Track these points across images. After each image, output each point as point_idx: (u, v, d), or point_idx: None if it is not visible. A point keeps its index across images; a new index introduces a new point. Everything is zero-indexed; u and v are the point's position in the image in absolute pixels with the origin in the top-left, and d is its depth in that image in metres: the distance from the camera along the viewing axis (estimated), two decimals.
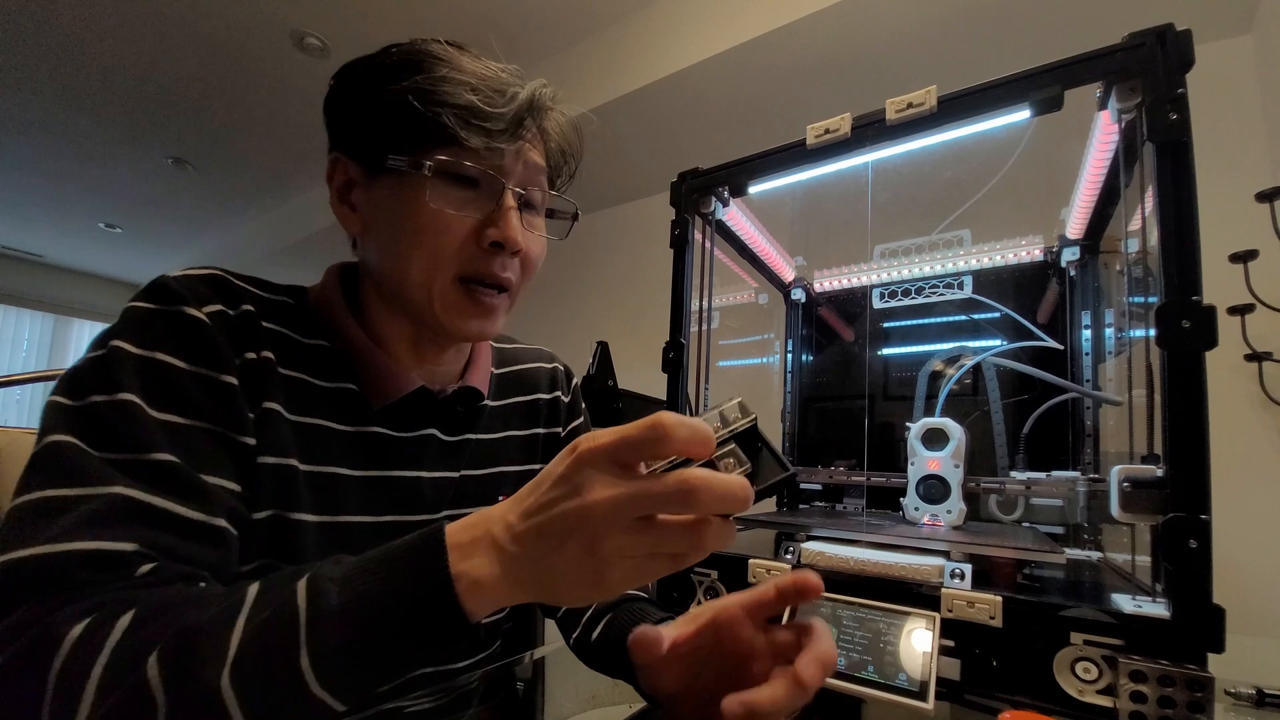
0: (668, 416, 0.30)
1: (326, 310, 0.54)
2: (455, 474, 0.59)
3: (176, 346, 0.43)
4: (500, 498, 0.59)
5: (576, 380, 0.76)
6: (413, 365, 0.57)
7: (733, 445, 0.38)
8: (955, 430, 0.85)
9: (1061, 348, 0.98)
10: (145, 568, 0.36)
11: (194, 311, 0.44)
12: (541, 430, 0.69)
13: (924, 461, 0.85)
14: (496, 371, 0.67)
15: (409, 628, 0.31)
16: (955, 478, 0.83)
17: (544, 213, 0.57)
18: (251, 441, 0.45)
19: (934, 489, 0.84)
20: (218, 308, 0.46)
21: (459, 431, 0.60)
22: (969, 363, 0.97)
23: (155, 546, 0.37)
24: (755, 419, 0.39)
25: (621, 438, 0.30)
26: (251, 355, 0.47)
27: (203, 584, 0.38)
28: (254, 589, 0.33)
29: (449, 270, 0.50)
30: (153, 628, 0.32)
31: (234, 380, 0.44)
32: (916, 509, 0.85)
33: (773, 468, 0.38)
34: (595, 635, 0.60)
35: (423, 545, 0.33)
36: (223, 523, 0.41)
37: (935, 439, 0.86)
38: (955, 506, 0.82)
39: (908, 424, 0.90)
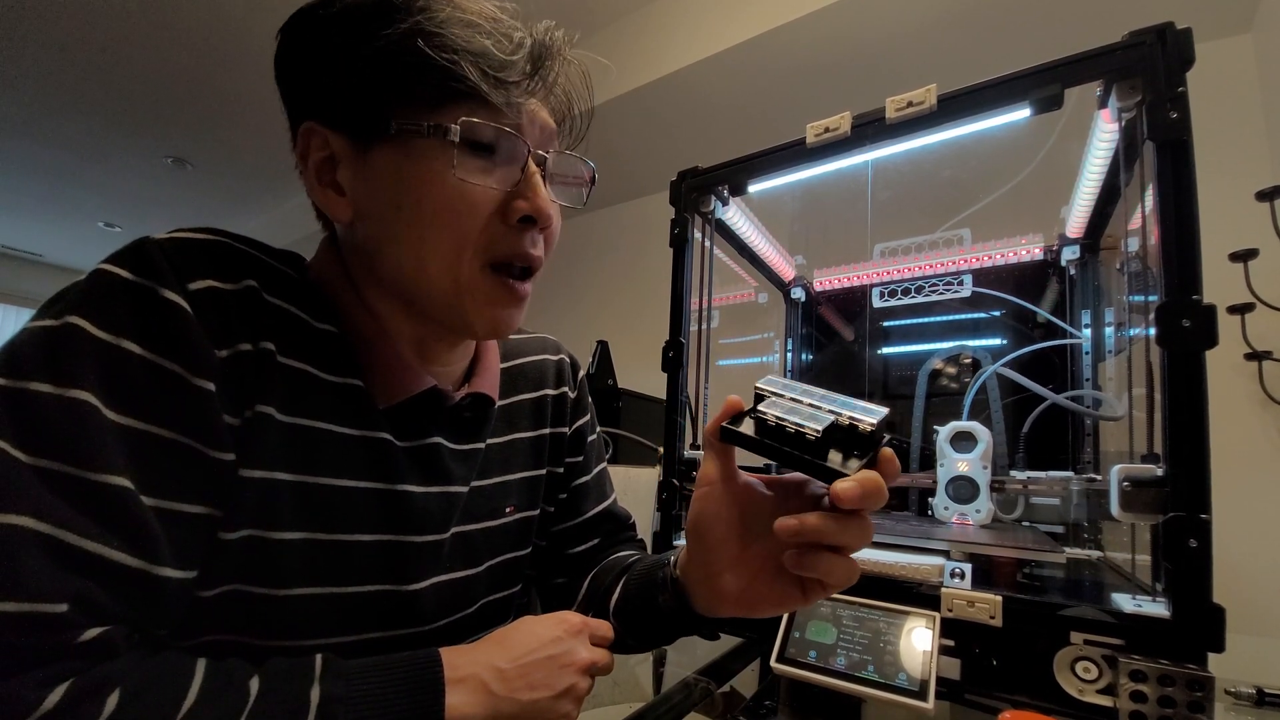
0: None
1: (330, 290, 0.47)
2: (464, 488, 0.53)
3: (146, 335, 0.35)
4: (508, 510, 0.58)
5: (583, 373, 0.71)
6: (418, 365, 0.50)
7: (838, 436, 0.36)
8: (983, 433, 0.87)
9: (1081, 338, 0.99)
10: (90, 634, 0.31)
11: (172, 295, 0.36)
12: (548, 430, 0.64)
13: (953, 463, 0.88)
14: (502, 366, 0.61)
15: None
16: (984, 479, 0.86)
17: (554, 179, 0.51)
18: (229, 457, 0.38)
19: (963, 489, 0.87)
20: (208, 284, 0.38)
21: (467, 440, 0.54)
22: (990, 368, 0.97)
23: (83, 602, 0.31)
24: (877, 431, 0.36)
25: (603, 636, 0.48)
26: (246, 346, 0.39)
27: (166, 655, 0.34)
28: (254, 691, 0.33)
29: (477, 255, 0.43)
30: None
31: (211, 386, 0.37)
32: (946, 508, 0.87)
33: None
34: (614, 604, 0.56)
35: (422, 678, 0.38)
36: (167, 571, 0.35)
37: (964, 441, 0.88)
38: (984, 506, 0.85)
39: (936, 427, 0.92)
